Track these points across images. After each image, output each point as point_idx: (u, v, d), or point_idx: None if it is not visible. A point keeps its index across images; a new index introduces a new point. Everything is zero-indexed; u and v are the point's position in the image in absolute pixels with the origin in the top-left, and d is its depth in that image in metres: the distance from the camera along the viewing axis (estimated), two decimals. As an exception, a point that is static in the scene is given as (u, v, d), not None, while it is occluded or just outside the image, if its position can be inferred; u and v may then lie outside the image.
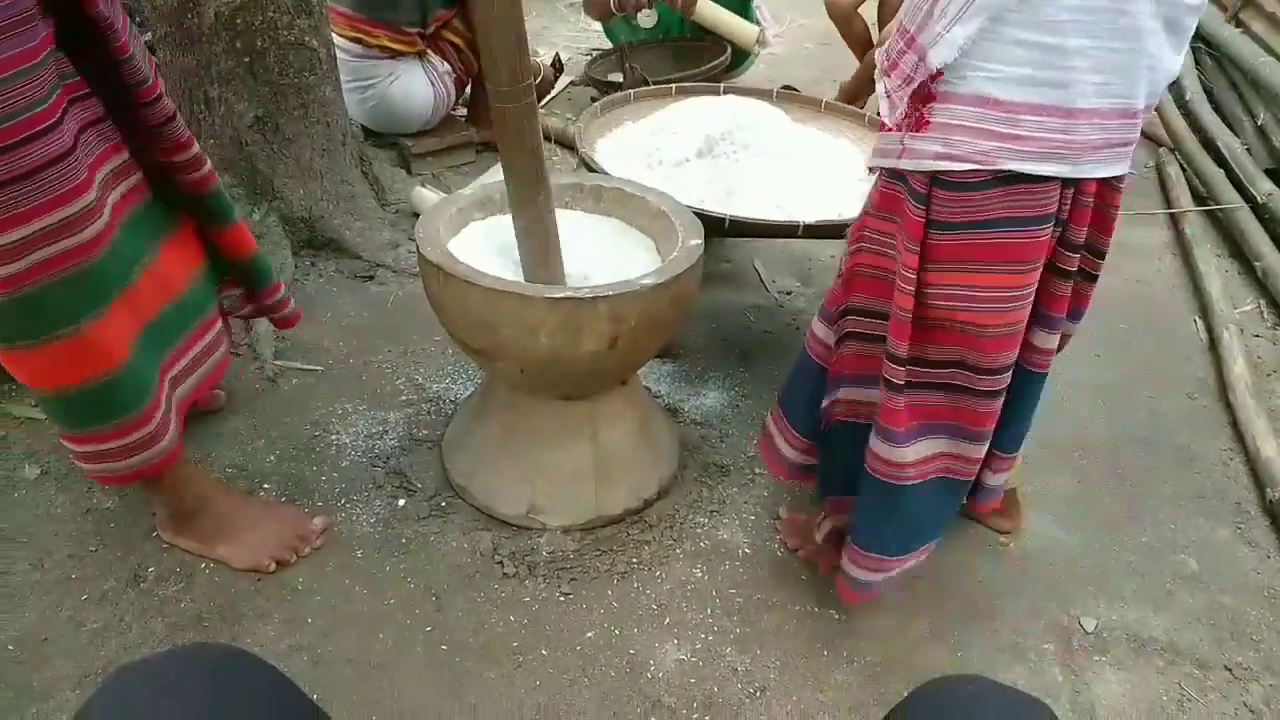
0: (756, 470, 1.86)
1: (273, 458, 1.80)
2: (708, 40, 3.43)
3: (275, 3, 2.21)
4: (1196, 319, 2.55)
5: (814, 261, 2.67)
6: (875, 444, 1.35)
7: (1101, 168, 1.16)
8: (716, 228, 1.78)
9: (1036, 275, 1.23)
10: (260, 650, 1.40)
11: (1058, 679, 1.50)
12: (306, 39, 2.30)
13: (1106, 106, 1.11)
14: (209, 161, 1.50)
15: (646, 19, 3.40)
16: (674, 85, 2.42)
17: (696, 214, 1.67)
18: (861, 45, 3.49)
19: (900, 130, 1.20)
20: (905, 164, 1.19)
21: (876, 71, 1.27)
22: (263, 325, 2.10)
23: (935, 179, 1.18)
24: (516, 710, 1.38)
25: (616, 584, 1.60)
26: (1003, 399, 1.33)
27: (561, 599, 1.56)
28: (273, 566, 1.55)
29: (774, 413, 1.59)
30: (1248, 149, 3.32)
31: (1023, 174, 1.14)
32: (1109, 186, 1.22)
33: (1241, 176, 3.11)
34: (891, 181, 1.27)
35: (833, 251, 2.69)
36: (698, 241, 1.57)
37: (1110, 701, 1.48)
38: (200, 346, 1.55)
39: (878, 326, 1.36)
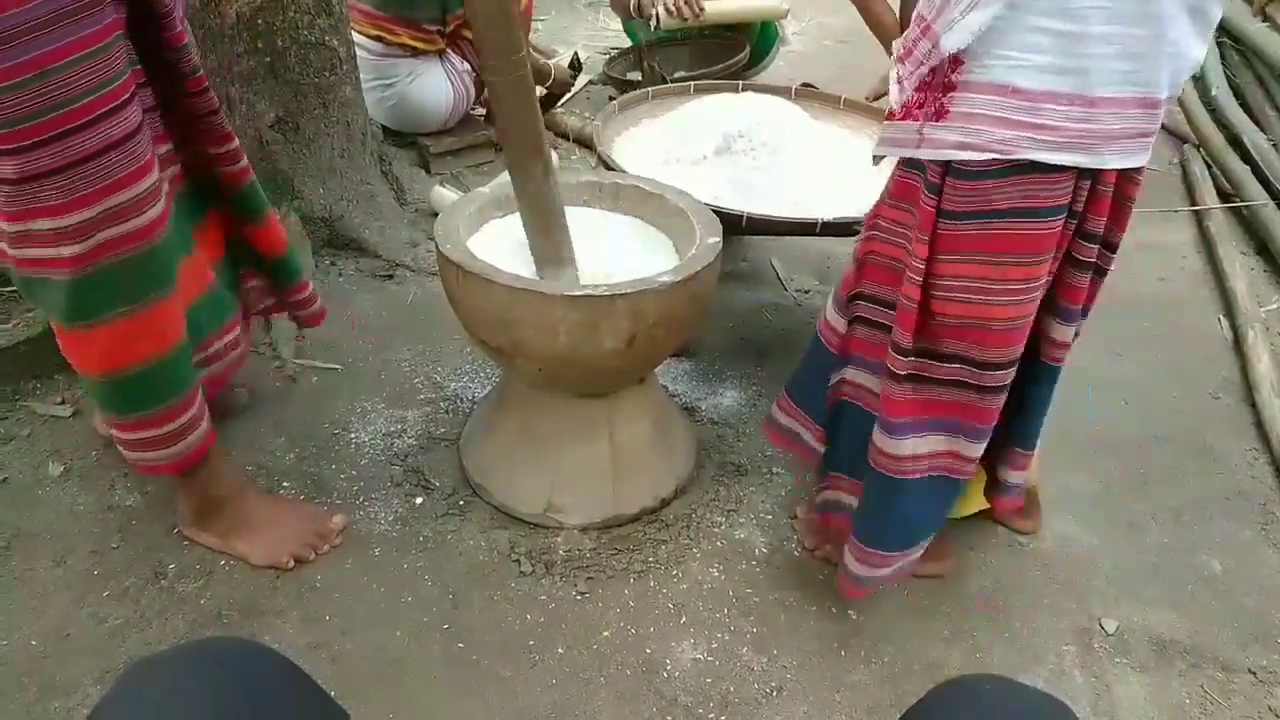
0: (774, 470, 1.86)
1: (292, 456, 1.81)
2: (727, 37, 3.41)
3: (296, 3, 2.22)
4: (1221, 317, 2.52)
5: (832, 260, 2.65)
6: (877, 436, 1.36)
7: (1121, 158, 1.14)
8: (734, 225, 1.78)
9: (1047, 267, 1.22)
10: (279, 647, 1.39)
11: (1078, 681, 1.49)
12: (327, 39, 2.31)
13: (1128, 95, 1.10)
14: (245, 156, 1.52)
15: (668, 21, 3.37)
16: (692, 83, 2.42)
17: (714, 212, 1.67)
18: (890, 34, 3.41)
19: (918, 119, 1.19)
20: (924, 154, 1.18)
21: (892, 59, 1.26)
22: (282, 324, 2.11)
23: (950, 169, 1.17)
24: (532, 708, 1.38)
25: (633, 583, 1.60)
26: (1005, 395, 1.32)
27: (578, 598, 1.56)
28: (291, 564, 1.56)
29: (783, 403, 1.59)
30: (1274, 145, 3.28)
31: (1037, 163, 1.12)
32: (1127, 179, 1.21)
33: (1268, 173, 3.07)
34: (910, 171, 1.27)
35: (851, 249, 2.67)
36: (716, 239, 1.57)
37: (1132, 704, 1.46)
38: (224, 341, 1.58)
39: (885, 315, 1.36)
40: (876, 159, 1.34)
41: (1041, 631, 1.57)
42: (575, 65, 3.46)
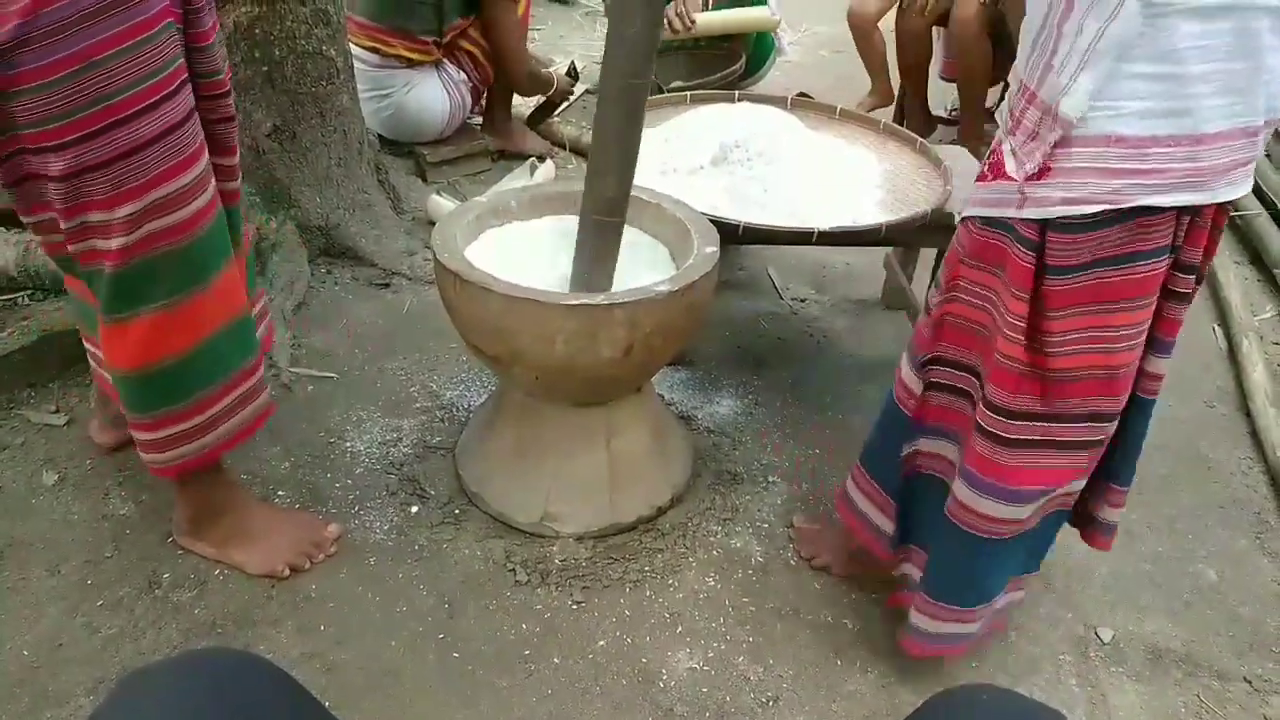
0: (769, 478, 1.86)
1: (287, 465, 1.80)
2: (722, 48, 3.43)
3: (293, 12, 2.23)
4: (1215, 326, 2.53)
5: (828, 269, 2.66)
6: (969, 496, 1.29)
7: (1230, 190, 1.12)
8: (730, 235, 1.78)
9: (1152, 308, 1.19)
10: (273, 657, 1.40)
11: (1074, 690, 1.49)
12: (324, 48, 2.32)
13: (1231, 128, 1.08)
14: (239, 176, 1.51)
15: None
16: (689, 93, 2.42)
17: (711, 221, 1.67)
18: (878, 61, 3.49)
19: (1016, 179, 1.16)
20: (1029, 213, 1.15)
21: (1000, 131, 1.23)
22: (279, 333, 2.11)
23: (1051, 223, 1.14)
24: (528, 718, 1.38)
25: (629, 592, 1.59)
26: (1110, 437, 1.29)
27: (574, 607, 1.56)
28: (287, 573, 1.56)
29: (856, 473, 1.53)
30: (1268, 155, 3.30)
31: (1141, 207, 1.10)
32: (1221, 209, 1.18)
33: (1261, 184, 3.09)
34: (989, 230, 1.22)
35: (847, 259, 2.68)
36: (713, 249, 1.57)
37: (1128, 713, 1.46)
38: (247, 386, 1.48)
39: (964, 380, 1.33)
40: (965, 218, 1.28)
41: (1037, 640, 1.57)
42: (572, 74, 3.47)
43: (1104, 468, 1.37)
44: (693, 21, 3.21)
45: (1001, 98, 3.19)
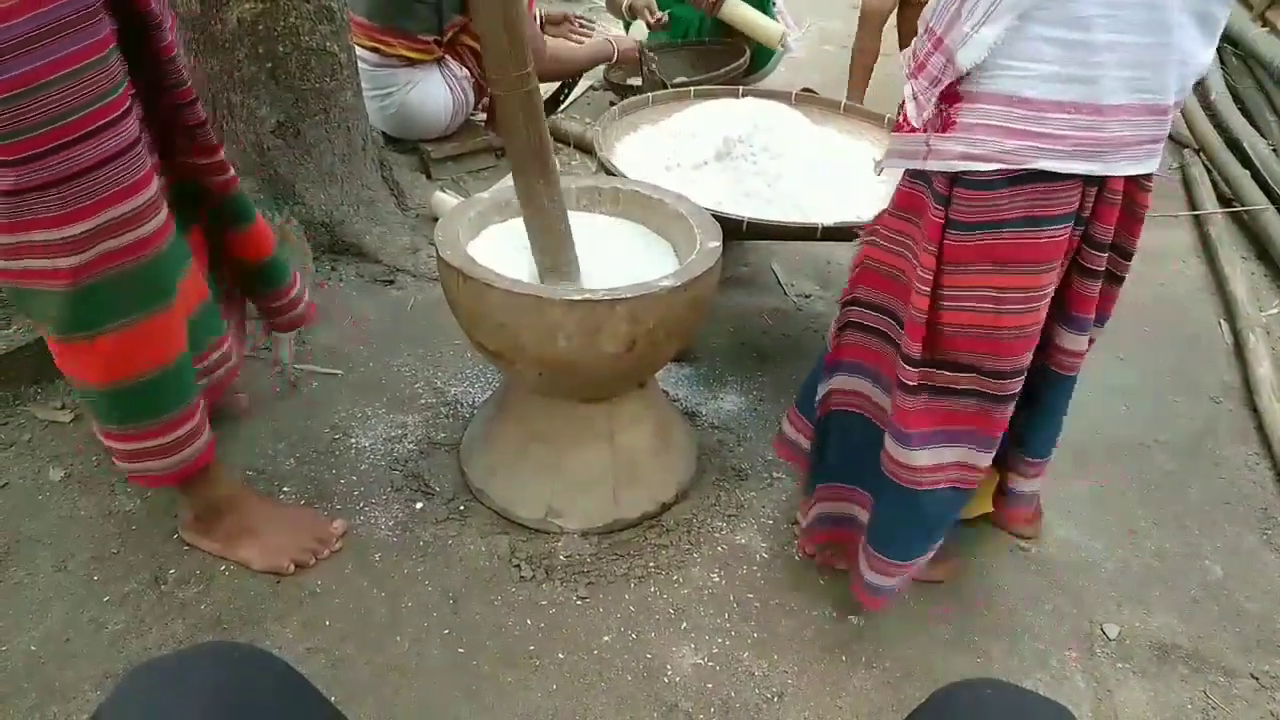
0: (775, 474, 1.86)
1: (292, 461, 1.81)
2: (727, 43, 3.43)
3: (297, 9, 2.23)
4: (1221, 321, 2.52)
5: (833, 264, 2.66)
6: (890, 446, 1.34)
7: (1131, 165, 1.13)
8: (734, 230, 1.78)
9: (1054, 275, 1.21)
10: (278, 652, 1.39)
11: (1080, 686, 1.49)
12: (328, 44, 2.32)
13: (1136, 102, 1.09)
14: (230, 164, 1.52)
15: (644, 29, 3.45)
16: (693, 89, 2.42)
17: (714, 216, 1.67)
18: (865, 57, 3.51)
19: (925, 131, 1.19)
20: (932, 165, 1.18)
21: (903, 73, 1.25)
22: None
23: (958, 179, 1.16)
24: (533, 714, 1.38)
25: (634, 588, 1.59)
26: (1013, 404, 1.31)
27: (579, 603, 1.56)
28: (292, 569, 1.56)
29: (792, 415, 1.60)
30: (1274, 149, 3.28)
31: (1044, 172, 1.12)
32: (1137, 185, 1.20)
33: (1268, 177, 3.07)
34: (915, 182, 1.26)
35: (852, 254, 2.67)
36: (716, 244, 1.57)
37: (1134, 709, 1.46)
38: (220, 352, 1.57)
39: (878, 320, 1.36)
40: (880, 168, 1.34)
41: (1043, 636, 1.57)
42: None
43: (1020, 441, 1.41)
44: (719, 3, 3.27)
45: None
